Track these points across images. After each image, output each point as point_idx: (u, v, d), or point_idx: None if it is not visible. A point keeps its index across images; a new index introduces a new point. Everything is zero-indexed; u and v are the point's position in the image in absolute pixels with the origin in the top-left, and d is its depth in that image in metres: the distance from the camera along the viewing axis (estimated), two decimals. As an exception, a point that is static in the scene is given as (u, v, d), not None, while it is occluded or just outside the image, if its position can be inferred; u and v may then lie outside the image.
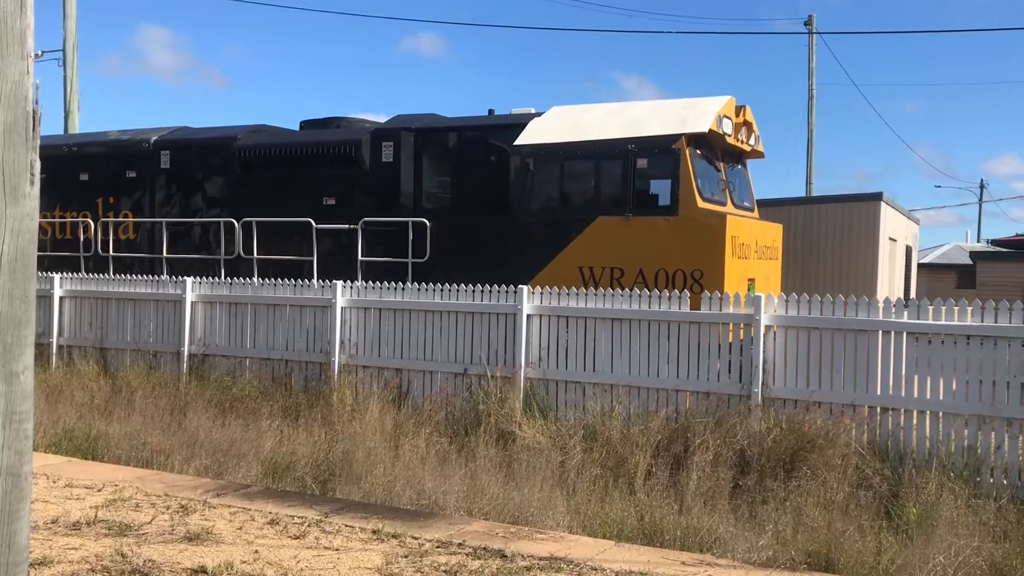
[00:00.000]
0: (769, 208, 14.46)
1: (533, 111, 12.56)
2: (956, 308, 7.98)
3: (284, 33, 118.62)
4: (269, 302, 11.35)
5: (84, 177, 15.18)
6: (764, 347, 8.55)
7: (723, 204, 11.65)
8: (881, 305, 8.27)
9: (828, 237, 15.43)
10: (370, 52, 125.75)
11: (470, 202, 12.32)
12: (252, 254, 13.35)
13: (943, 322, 7.97)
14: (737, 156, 12.65)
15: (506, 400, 9.20)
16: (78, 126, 21.46)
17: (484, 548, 5.48)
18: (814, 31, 30.11)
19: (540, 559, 5.31)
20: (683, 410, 8.69)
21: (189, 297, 11.83)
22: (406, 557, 5.30)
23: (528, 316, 9.70)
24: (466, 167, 12.48)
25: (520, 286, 9.86)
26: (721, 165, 12.01)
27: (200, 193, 14.31)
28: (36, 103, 2.21)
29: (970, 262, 27.98)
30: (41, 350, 12.66)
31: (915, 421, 7.98)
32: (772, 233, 12.61)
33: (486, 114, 13.09)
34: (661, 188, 11.31)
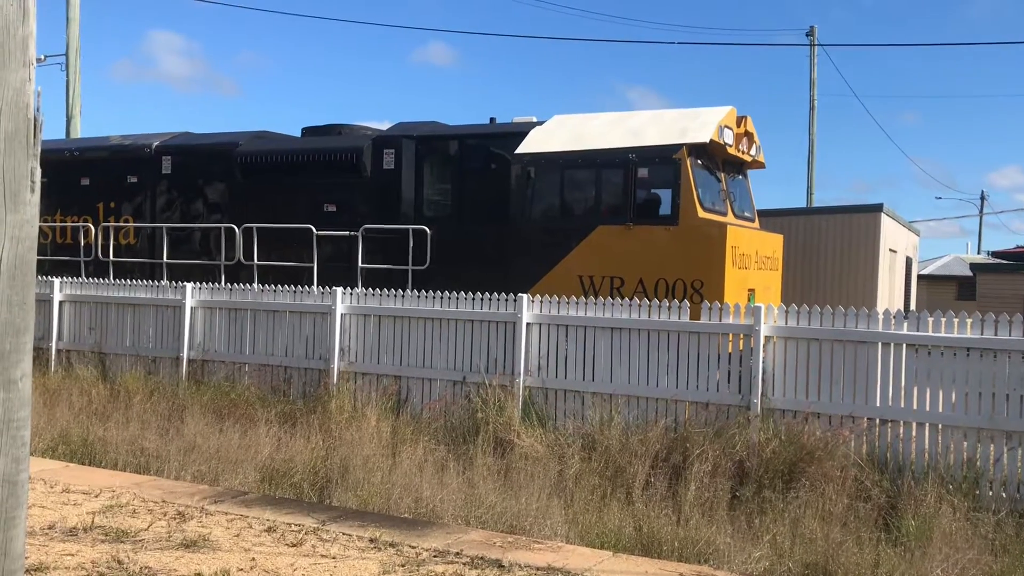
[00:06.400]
0: (770, 218, 14.47)
1: (535, 120, 12.57)
2: (956, 320, 7.98)
3: (298, 42, 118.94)
4: (269, 308, 11.35)
5: (85, 182, 15.19)
6: (763, 358, 8.54)
7: (724, 214, 11.65)
8: (881, 317, 8.27)
9: (828, 248, 15.43)
10: (382, 62, 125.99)
11: (471, 210, 12.33)
12: (252, 260, 13.36)
13: (943, 334, 7.96)
14: (738, 166, 12.66)
15: (504, 408, 9.19)
16: (80, 131, 21.48)
17: (481, 558, 5.47)
18: (815, 43, 30.18)
19: (537, 569, 5.30)
20: (682, 420, 8.68)
21: (189, 303, 11.83)
22: (403, 566, 5.29)
23: (528, 324, 9.69)
24: (467, 175, 12.48)
25: (520, 294, 9.86)
26: (722, 175, 12.01)
27: (201, 199, 14.32)
28: (37, 110, 2.21)
29: (970, 274, 27.98)
30: (40, 354, 12.66)
31: (914, 433, 7.97)
32: (772, 243, 12.61)
33: (488, 122, 13.11)
34: (661, 198, 11.32)
